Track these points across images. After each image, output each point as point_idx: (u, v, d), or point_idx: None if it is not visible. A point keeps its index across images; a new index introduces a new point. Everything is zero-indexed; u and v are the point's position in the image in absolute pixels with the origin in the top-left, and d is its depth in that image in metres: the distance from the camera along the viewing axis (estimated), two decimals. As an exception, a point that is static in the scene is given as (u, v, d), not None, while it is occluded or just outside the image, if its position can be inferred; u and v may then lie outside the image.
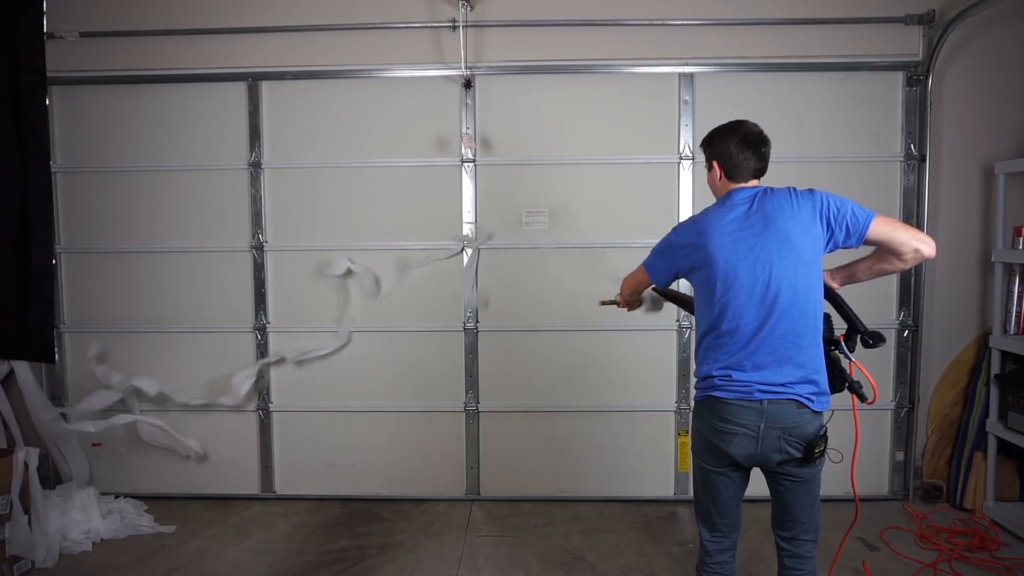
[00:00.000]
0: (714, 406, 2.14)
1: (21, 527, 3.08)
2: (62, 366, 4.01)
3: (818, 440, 2.07)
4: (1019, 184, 3.72)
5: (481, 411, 3.93)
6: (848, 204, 2.09)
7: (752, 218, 2.11)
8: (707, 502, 2.25)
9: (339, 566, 3.20)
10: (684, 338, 3.86)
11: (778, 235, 2.07)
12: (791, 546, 2.21)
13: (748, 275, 2.08)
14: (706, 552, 2.28)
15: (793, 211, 2.09)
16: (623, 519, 3.67)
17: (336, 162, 3.87)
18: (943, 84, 3.76)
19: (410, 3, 3.79)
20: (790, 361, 2.06)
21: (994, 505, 3.60)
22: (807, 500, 2.16)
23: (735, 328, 2.10)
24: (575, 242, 3.83)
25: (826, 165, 3.76)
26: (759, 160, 2.21)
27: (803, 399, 2.06)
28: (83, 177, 3.95)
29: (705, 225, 2.18)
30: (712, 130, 2.30)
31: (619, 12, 3.77)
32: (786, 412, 2.06)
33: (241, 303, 3.93)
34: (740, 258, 2.09)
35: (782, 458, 2.09)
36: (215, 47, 3.84)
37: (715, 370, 2.14)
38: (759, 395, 2.06)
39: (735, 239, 2.11)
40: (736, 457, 2.12)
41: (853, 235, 2.08)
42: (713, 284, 2.13)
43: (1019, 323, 3.58)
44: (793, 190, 2.14)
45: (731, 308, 2.10)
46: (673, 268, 2.30)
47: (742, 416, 2.08)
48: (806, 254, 2.08)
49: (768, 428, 2.06)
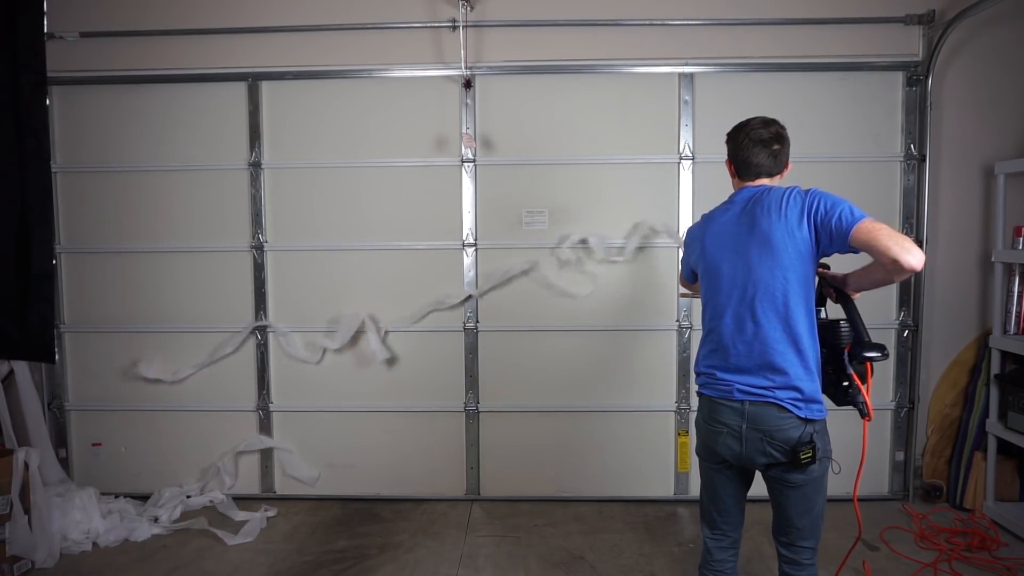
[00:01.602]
0: (705, 403, 2.18)
1: (21, 527, 3.08)
2: (62, 366, 4.01)
3: (802, 446, 1.99)
4: (1019, 184, 3.73)
5: (481, 411, 3.93)
6: (840, 206, 1.92)
7: (742, 219, 2.10)
8: (707, 499, 2.27)
9: (339, 566, 3.20)
10: (684, 338, 3.86)
11: (760, 237, 2.03)
12: (789, 552, 2.18)
13: (729, 276, 2.09)
14: (707, 551, 2.28)
15: (780, 213, 2.00)
16: (623, 519, 3.67)
17: (336, 162, 3.87)
18: (943, 84, 3.76)
19: (410, 3, 3.79)
20: (769, 366, 2.02)
21: (994, 505, 3.60)
22: (802, 506, 2.09)
23: (716, 327, 2.13)
24: (575, 242, 3.82)
25: (826, 165, 3.76)
26: (768, 157, 2.14)
27: (784, 403, 2.01)
28: (83, 177, 3.95)
29: (706, 223, 2.24)
30: (732, 128, 2.26)
31: (619, 12, 3.77)
32: (766, 415, 2.02)
33: (241, 303, 3.93)
34: (724, 259, 2.11)
35: (767, 461, 2.06)
36: (215, 47, 3.84)
37: (703, 367, 2.18)
38: (739, 395, 2.06)
39: (723, 239, 2.13)
40: (724, 455, 2.13)
41: (836, 239, 1.92)
42: (704, 282, 2.19)
43: (1019, 323, 3.58)
44: (790, 191, 2.04)
45: (711, 307, 2.15)
46: (689, 265, 2.38)
47: (726, 415, 2.09)
48: (786, 258, 1.99)
49: (749, 429, 2.04)
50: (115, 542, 3.41)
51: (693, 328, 3.83)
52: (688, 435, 3.88)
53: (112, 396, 4.01)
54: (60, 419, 4.02)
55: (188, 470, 3.99)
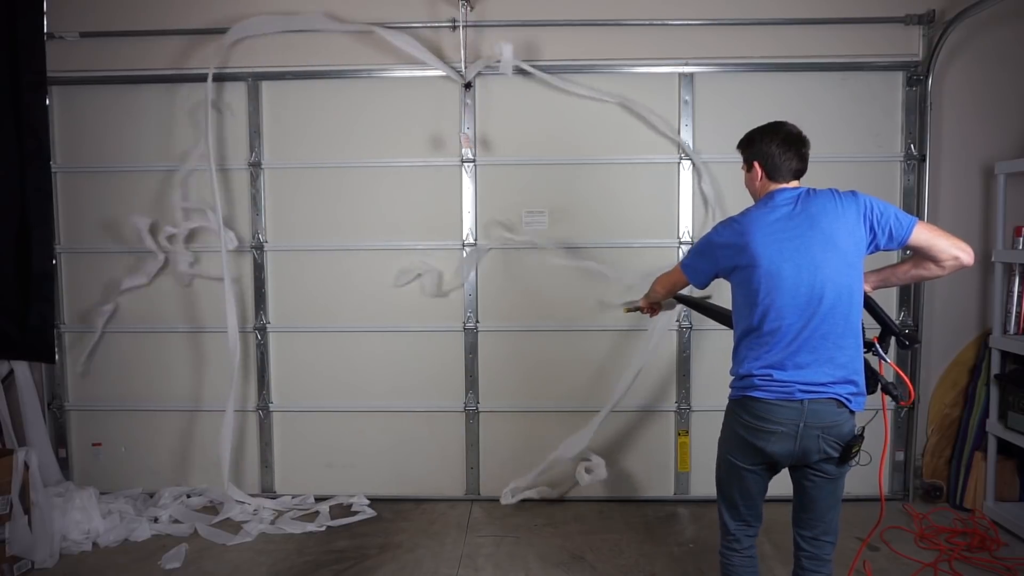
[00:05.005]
0: (751, 406, 2.15)
1: (21, 527, 3.08)
2: (62, 366, 4.01)
3: (855, 440, 2.10)
4: (1019, 184, 3.72)
5: (481, 411, 3.93)
6: (891, 209, 2.14)
7: (797, 219, 2.14)
8: (735, 496, 2.29)
9: (339, 566, 3.20)
10: (684, 338, 3.86)
11: (823, 236, 2.10)
12: (811, 547, 2.23)
13: (793, 276, 2.09)
14: (734, 539, 2.32)
15: (838, 212, 2.12)
16: (623, 519, 3.67)
17: (336, 162, 3.87)
18: (943, 84, 3.76)
19: (410, 3, 3.79)
20: (831, 361, 2.09)
21: (994, 505, 3.60)
22: (832, 500, 2.19)
23: (778, 328, 2.11)
24: (575, 242, 3.83)
25: (826, 165, 3.73)
26: (800, 161, 2.24)
27: (843, 398, 2.10)
28: (83, 177, 3.95)
29: (747, 225, 2.19)
30: (752, 130, 2.31)
31: (619, 12, 3.77)
32: (826, 411, 2.09)
33: (241, 303, 3.93)
34: (785, 258, 2.10)
35: (819, 456, 2.12)
36: (215, 47, 3.83)
37: (756, 369, 2.14)
38: (800, 395, 2.09)
39: (779, 239, 2.12)
40: (774, 455, 2.15)
41: (895, 239, 2.12)
42: (756, 284, 2.13)
43: (1019, 323, 3.58)
44: (836, 192, 2.17)
45: (774, 308, 2.11)
46: (713, 269, 2.31)
47: (782, 415, 2.10)
48: (850, 256, 2.11)
49: (807, 427, 2.09)
50: (115, 542, 3.41)
51: (693, 329, 3.83)
52: (688, 435, 3.88)
53: (112, 396, 4.01)
54: (60, 419, 4.02)
55: (188, 470, 3.99)
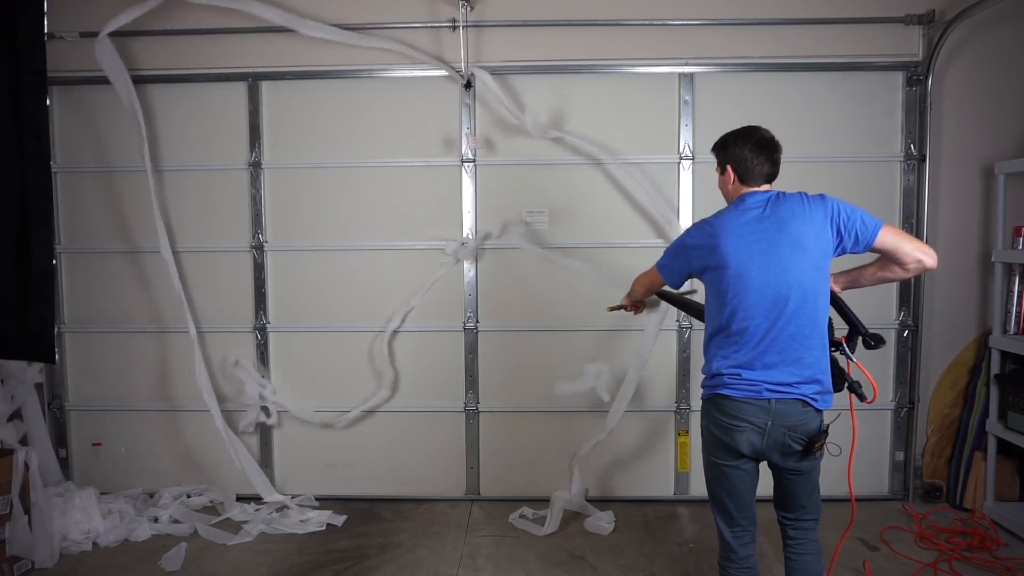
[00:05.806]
0: (722, 404, 2.20)
1: (21, 527, 3.08)
2: (62, 366, 4.01)
3: (819, 436, 2.15)
4: (1019, 184, 3.72)
5: (481, 411, 3.93)
6: (857, 212, 2.18)
7: (766, 222, 2.18)
8: (723, 497, 2.29)
9: (339, 566, 3.20)
10: (684, 338, 3.86)
11: (791, 239, 2.14)
12: (794, 525, 2.32)
13: (760, 277, 2.14)
14: (731, 549, 2.31)
15: (806, 216, 2.16)
16: (623, 519, 3.67)
17: (336, 162, 3.87)
18: (943, 84, 3.76)
19: (410, 3, 3.79)
20: (798, 362, 2.14)
21: (994, 505, 3.61)
22: (808, 488, 2.27)
23: (746, 328, 2.16)
24: (575, 242, 3.83)
25: (826, 165, 3.76)
26: (772, 165, 2.27)
27: (808, 398, 2.15)
28: (83, 177, 3.96)
29: (719, 227, 2.23)
30: (725, 134, 2.34)
31: (619, 12, 3.77)
32: (792, 411, 2.14)
33: (241, 303, 3.93)
34: (753, 260, 2.15)
35: (782, 452, 2.18)
36: (215, 47, 3.84)
37: (725, 368, 2.20)
38: (767, 394, 2.14)
39: (748, 242, 2.17)
40: (743, 451, 2.19)
41: (861, 242, 2.17)
42: (725, 285, 2.18)
43: (1019, 323, 3.58)
44: (805, 195, 2.21)
45: (742, 309, 2.16)
46: (686, 269, 2.37)
47: (750, 413, 2.15)
48: (817, 258, 2.15)
49: (775, 425, 2.15)
50: (115, 542, 3.41)
51: (693, 328, 3.83)
52: (688, 435, 3.88)
53: (112, 396, 4.01)
54: (60, 419, 4.02)
55: (188, 470, 4.00)
